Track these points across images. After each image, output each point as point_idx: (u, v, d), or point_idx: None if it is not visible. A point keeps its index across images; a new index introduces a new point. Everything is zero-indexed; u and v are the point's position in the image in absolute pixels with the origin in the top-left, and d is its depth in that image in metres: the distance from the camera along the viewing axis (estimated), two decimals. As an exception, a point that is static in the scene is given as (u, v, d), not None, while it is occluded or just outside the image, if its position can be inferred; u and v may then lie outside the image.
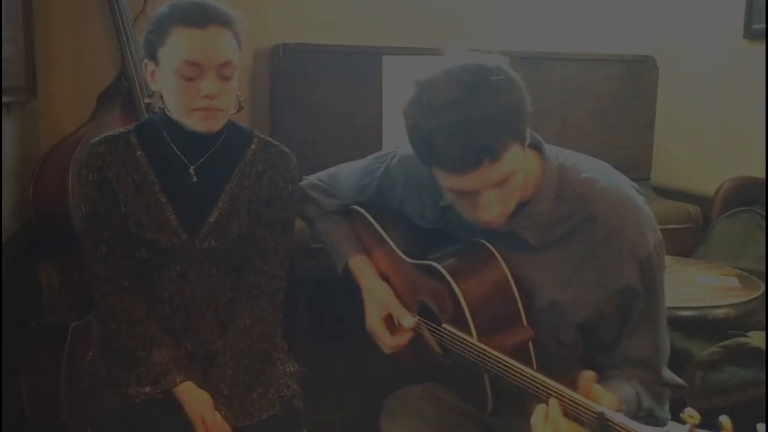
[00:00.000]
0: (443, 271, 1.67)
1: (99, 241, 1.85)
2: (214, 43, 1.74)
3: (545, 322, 1.64)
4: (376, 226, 1.95)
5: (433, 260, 1.73)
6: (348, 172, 2.02)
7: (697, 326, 2.39)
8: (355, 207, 2.01)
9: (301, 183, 2.08)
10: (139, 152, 1.86)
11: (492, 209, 1.52)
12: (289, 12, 3.18)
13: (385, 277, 1.93)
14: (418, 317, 1.84)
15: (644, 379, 1.64)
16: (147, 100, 1.92)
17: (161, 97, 1.83)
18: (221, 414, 1.78)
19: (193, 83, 1.74)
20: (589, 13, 3.61)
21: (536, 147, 1.63)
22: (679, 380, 1.70)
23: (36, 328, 2.44)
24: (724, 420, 1.23)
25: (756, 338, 2.46)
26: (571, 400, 1.38)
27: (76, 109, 2.87)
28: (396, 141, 2.75)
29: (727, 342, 2.43)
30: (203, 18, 1.72)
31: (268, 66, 2.81)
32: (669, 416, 1.73)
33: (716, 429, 1.25)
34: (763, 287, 2.43)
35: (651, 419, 1.68)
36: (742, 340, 2.44)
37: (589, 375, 1.43)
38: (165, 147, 1.87)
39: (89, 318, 2.34)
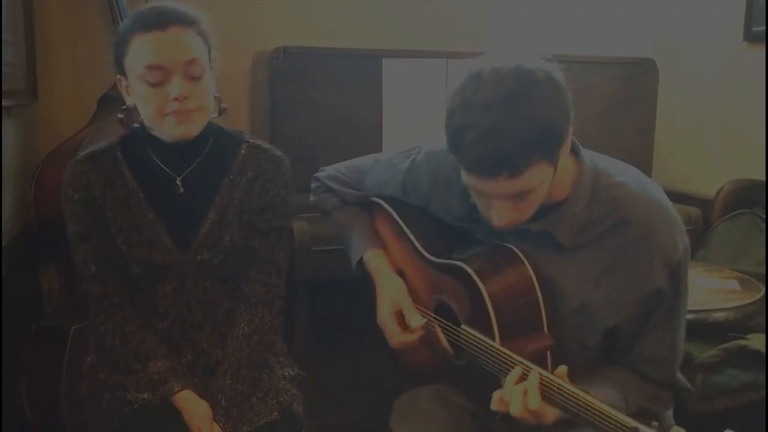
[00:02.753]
0: (471, 272, 1.66)
1: (88, 260, 1.83)
2: (175, 43, 1.71)
3: (573, 324, 1.65)
4: (399, 220, 1.94)
5: (459, 260, 1.72)
6: (370, 165, 2.01)
7: (697, 329, 2.38)
8: (376, 200, 2.00)
9: (319, 174, 2.07)
10: (124, 168, 1.84)
11: (503, 217, 1.54)
12: (288, 15, 3.17)
13: (401, 273, 1.92)
14: (427, 318, 1.83)
15: (654, 378, 1.66)
16: (120, 115, 1.88)
17: (137, 110, 1.79)
18: (220, 425, 1.76)
19: (161, 88, 1.70)
20: (589, 16, 3.61)
21: (573, 149, 1.63)
22: (687, 383, 1.72)
23: (37, 331, 2.44)
24: None
25: (756, 341, 2.45)
26: (599, 410, 1.37)
27: (76, 113, 2.86)
28: (396, 143, 2.76)
29: (727, 345, 2.43)
30: (161, 20, 1.70)
31: (268, 69, 2.81)
32: (673, 422, 1.74)
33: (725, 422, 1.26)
34: (763, 290, 2.43)
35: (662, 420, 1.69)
36: (742, 342, 2.43)
37: (561, 370, 1.46)
38: (149, 161, 1.84)
39: (90, 321, 2.34)
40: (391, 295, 1.87)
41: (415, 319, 1.82)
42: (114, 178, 1.83)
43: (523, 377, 1.49)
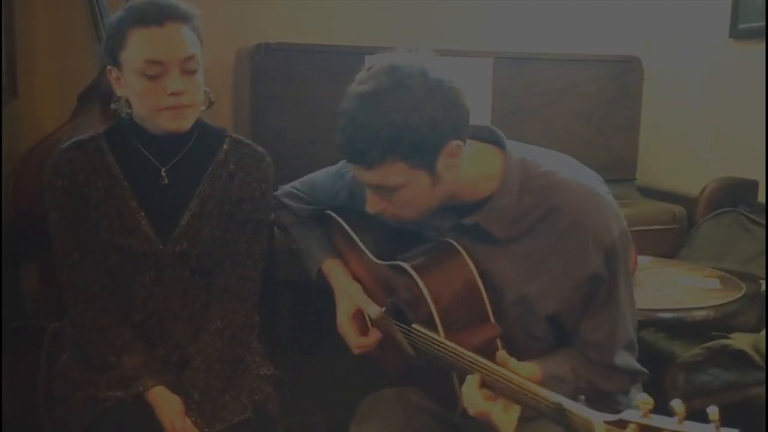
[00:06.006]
0: (409, 269, 1.68)
1: (70, 248, 1.84)
2: (174, 39, 1.73)
3: (515, 315, 1.66)
4: (348, 230, 1.95)
5: (401, 260, 1.73)
6: (322, 178, 2.03)
7: (677, 328, 2.38)
8: (328, 212, 2.01)
9: (277, 192, 2.08)
10: (109, 157, 1.86)
11: (373, 206, 1.63)
12: (271, 11, 3.16)
13: (358, 281, 1.93)
14: (384, 310, 1.84)
15: (595, 361, 1.66)
16: (113, 106, 1.90)
17: (128, 101, 1.82)
18: (192, 420, 1.76)
19: (158, 82, 1.73)
20: (575, 14, 3.60)
21: (498, 143, 1.66)
22: (637, 367, 1.70)
23: (15, 330, 2.42)
24: (712, 411, 1.23)
25: (739, 340, 2.46)
26: (531, 392, 1.40)
27: (57, 110, 2.84)
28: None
29: (709, 344, 2.43)
30: (160, 15, 1.72)
31: (250, 66, 2.80)
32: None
33: (705, 420, 1.25)
34: (744, 289, 2.42)
35: (612, 403, 1.69)
36: (724, 342, 2.43)
37: (502, 352, 1.48)
38: (135, 151, 1.86)
39: (67, 320, 2.32)
40: (348, 295, 1.88)
41: (372, 310, 1.83)
42: (98, 166, 1.84)
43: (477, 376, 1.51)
